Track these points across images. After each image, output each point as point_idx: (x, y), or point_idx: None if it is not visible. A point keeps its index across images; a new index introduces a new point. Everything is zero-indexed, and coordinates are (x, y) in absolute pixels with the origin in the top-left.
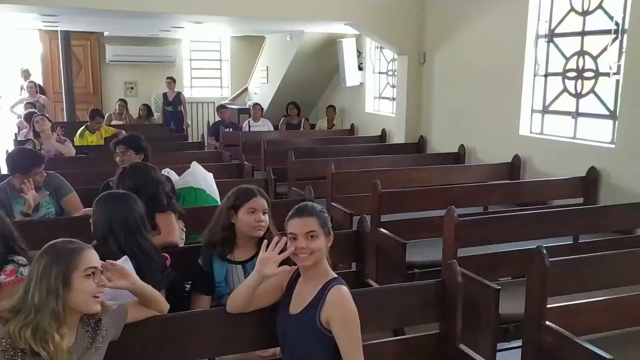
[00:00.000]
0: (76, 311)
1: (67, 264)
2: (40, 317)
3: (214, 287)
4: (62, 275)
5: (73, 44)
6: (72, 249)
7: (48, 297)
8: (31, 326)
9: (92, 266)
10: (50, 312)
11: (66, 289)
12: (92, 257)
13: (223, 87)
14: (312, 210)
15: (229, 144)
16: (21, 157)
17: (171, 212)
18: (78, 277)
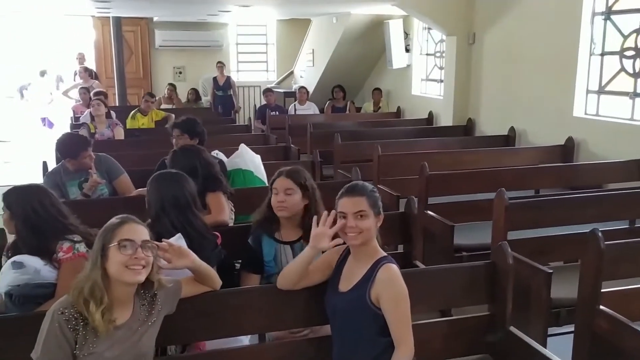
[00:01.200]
0: (119, 283)
1: (106, 237)
2: (86, 287)
3: (263, 266)
4: (101, 248)
5: (124, 29)
6: (117, 223)
7: (93, 268)
8: (83, 295)
9: (126, 238)
10: (92, 282)
11: (104, 259)
12: (131, 229)
13: (269, 71)
14: (363, 190)
15: (275, 127)
16: (68, 143)
17: (221, 192)
18: (113, 249)
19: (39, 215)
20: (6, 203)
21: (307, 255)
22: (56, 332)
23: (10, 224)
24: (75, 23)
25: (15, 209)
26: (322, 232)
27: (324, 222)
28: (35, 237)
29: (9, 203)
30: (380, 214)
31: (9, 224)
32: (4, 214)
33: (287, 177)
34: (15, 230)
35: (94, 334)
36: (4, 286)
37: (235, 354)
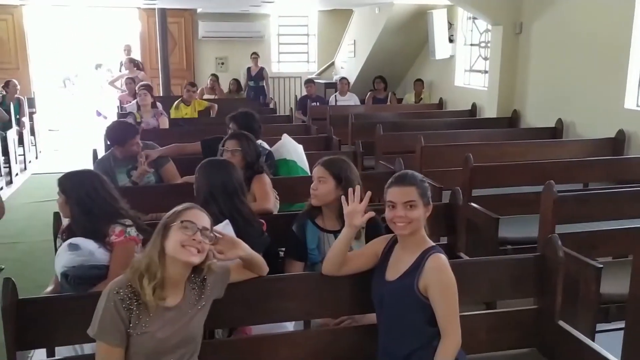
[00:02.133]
0: (173, 262)
1: (170, 217)
2: (143, 263)
3: (306, 253)
4: (162, 227)
5: (169, 21)
6: (183, 207)
7: (151, 247)
8: (137, 272)
9: (189, 220)
10: (150, 259)
11: (164, 236)
12: (195, 214)
13: (310, 62)
14: (413, 179)
15: (315, 117)
16: (116, 130)
17: (267, 181)
18: (175, 227)
19: (92, 199)
20: (61, 188)
21: (345, 235)
22: (111, 310)
23: (65, 208)
24: (122, 15)
25: (69, 193)
26: (353, 209)
27: (352, 199)
28: (89, 220)
29: (64, 188)
30: (429, 204)
31: (64, 208)
32: (60, 198)
33: (322, 166)
34: (70, 213)
35: (146, 314)
36: (60, 267)
37: (279, 340)
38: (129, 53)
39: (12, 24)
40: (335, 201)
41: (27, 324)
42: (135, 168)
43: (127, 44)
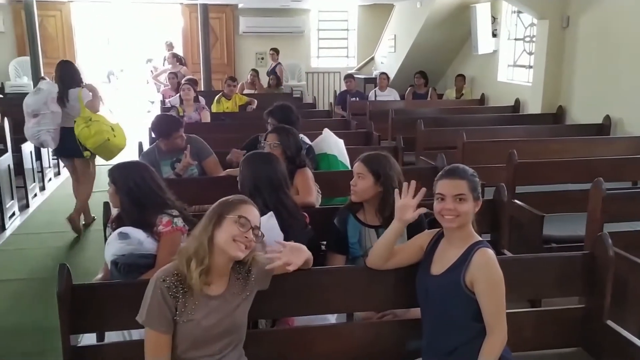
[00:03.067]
0: (222, 252)
1: (226, 207)
2: (192, 247)
3: (347, 247)
4: (217, 215)
5: (210, 16)
6: (240, 199)
7: (202, 232)
8: (185, 255)
9: (245, 216)
10: (199, 243)
11: (216, 226)
12: (251, 211)
13: (349, 57)
14: (463, 173)
15: (355, 112)
16: (161, 123)
17: (309, 175)
18: (228, 220)
19: (141, 189)
20: (111, 178)
21: (393, 229)
22: (159, 298)
23: (115, 198)
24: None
25: (120, 183)
26: (405, 203)
27: (406, 193)
28: (138, 210)
29: (114, 178)
30: (479, 199)
31: (114, 198)
32: (110, 188)
33: (361, 162)
34: (120, 203)
35: (192, 302)
36: (110, 255)
37: (322, 331)
38: (171, 49)
39: (61, 20)
40: (375, 197)
41: (79, 309)
42: (179, 161)
43: (168, 39)
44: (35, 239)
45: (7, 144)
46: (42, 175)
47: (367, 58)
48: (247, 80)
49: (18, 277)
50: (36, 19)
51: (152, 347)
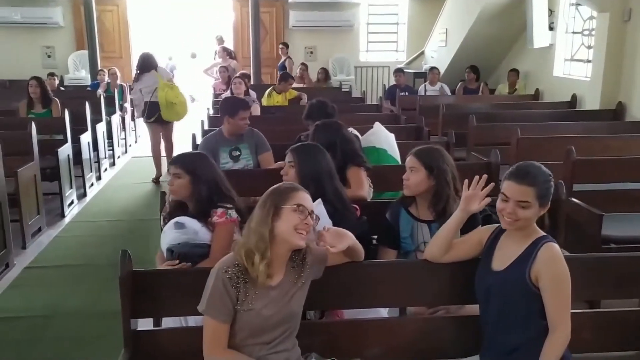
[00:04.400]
0: (282, 242)
1: (280, 197)
2: (252, 240)
3: (399, 241)
4: (274, 206)
5: (261, 10)
6: (292, 187)
7: (261, 225)
8: (245, 248)
9: (302, 204)
10: (260, 236)
11: (275, 217)
12: (304, 197)
13: (398, 51)
14: (534, 180)
15: (404, 107)
16: (230, 102)
17: (361, 168)
18: (287, 209)
19: (216, 180)
20: (186, 169)
21: (455, 219)
22: (220, 288)
23: (186, 188)
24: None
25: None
26: (473, 194)
27: (475, 185)
28: (204, 201)
29: (190, 168)
30: (546, 205)
31: (185, 188)
32: (179, 179)
33: (414, 156)
34: (193, 193)
35: (253, 292)
36: (166, 243)
37: (374, 325)
38: (221, 43)
39: (117, 15)
40: (428, 191)
41: (139, 294)
42: (238, 149)
43: (219, 34)
44: (92, 226)
45: (67, 135)
46: (98, 166)
47: (417, 52)
48: (297, 74)
49: (76, 262)
50: (94, 14)
51: (211, 335)
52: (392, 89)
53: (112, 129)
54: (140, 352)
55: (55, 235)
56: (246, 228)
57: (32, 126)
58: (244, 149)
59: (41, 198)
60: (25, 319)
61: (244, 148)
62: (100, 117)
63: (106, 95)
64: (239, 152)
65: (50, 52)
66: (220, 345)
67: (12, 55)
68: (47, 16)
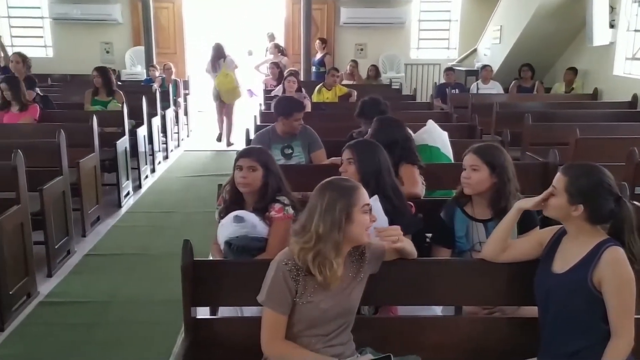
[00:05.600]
0: (350, 242)
1: (349, 199)
2: (322, 246)
3: (454, 241)
4: (345, 210)
5: (312, 8)
6: (351, 186)
7: (332, 229)
8: (312, 251)
9: (368, 203)
10: (333, 242)
11: (347, 222)
12: (365, 193)
13: (450, 49)
14: (568, 171)
15: (456, 105)
16: (284, 103)
17: (416, 166)
18: (357, 212)
19: (276, 176)
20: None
21: (510, 217)
22: (280, 281)
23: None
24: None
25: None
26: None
27: None
28: (267, 195)
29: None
30: (576, 204)
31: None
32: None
33: (474, 154)
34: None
35: (312, 285)
36: (224, 236)
37: (429, 323)
38: (272, 39)
39: (173, 12)
40: (488, 190)
41: (199, 283)
42: (290, 147)
43: (270, 31)
44: (146, 217)
45: (125, 128)
46: (152, 158)
47: (469, 50)
48: (346, 71)
49: (132, 252)
50: (151, 11)
51: (269, 326)
52: (442, 86)
53: (166, 123)
54: (198, 339)
55: (112, 225)
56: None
57: (94, 119)
58: (296, 146)
59: (100, 188)
60: (86, 304)
61: (297, 146)
62: (155, 111)
63: (161, 90)
64: (291, 149)
65: (109, 47)
66: (278, 336)
67: (73, 50)
68: (107, 13)
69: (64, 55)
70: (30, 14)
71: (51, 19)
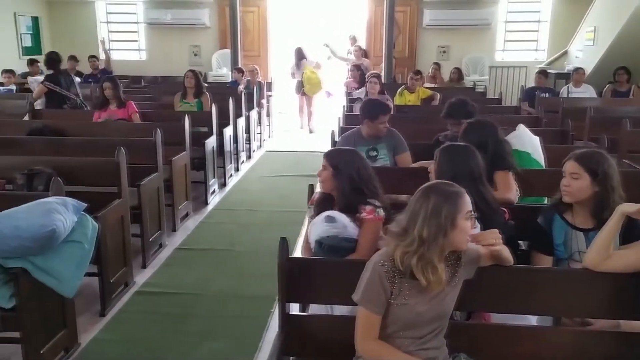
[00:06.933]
0: (450, 248)
1: (454, 205)
2: (426, 250)
3: (552, 247)
4: (450, 216)
5: (395, 10)
6: (456, 192)
7: (437, 234)
8: (416, 255)
9: (471, 210)
10: (438, 247)
11: (452, 228)
12: (469, 201)
13: (538, 50)
14: None
15: (545, 109)
16: (371, 105)
17: (510, 171)
18: (461, 219)
19: (361, 176)
20: (333, 162)
21: (612, 223)
22: (376, 281)
23: (331, 181)
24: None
25: (342, 168)
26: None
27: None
28: (350, 195)
29: (336, 163)
30: None
31: (330, 181)
32: (326, 172)
33: (575, 161)
34: (336, 187)
35: (407, 287)
36: (316, 235)
37: (524, 332)
38: (354, 42)
39: (258, 16)
40: (589, 198)
41: (293, 280)
42: (375, 149)
43: (351, 34)
44: (231, 215)
45: (212, 128)
46: (237, 158)
47: (559, 52)
48: (429, 73)
49: (219, 247)
50: (239, 15)
51: (363, 325)
52: (530, 90)
53: (250, 123)
54: (293, 334)
55: (200, 221)
56: (402, 231)
57: (186, 119)
58: (381, 149)
59: (190, 185)
60: (178, 295)
61: (382, 148)
62: (240, 112)
63: (246, 91)
64: (376, 152)
65: (197, 50)
66: (371, 335)
67: (164, 53)
68: (196, 17)
69: (156, 58)
70: (126, 19)
71: (145, 23)
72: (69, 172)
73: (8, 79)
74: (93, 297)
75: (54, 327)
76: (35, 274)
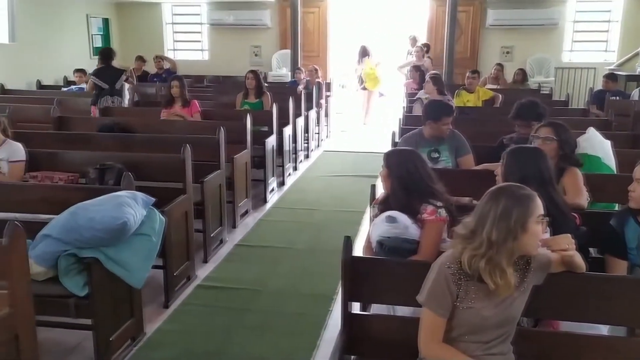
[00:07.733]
0: (519, 252)
1: (526, 209)
2: (494, 253)
3: (626, 251)
4: (521, 220)
5: (458, 9)
6: (528, 195)
7: (507, 237)
8: (484, 258)
9: (543, 214)
10: (507, 251)
11: (522, 232)
12: (541, 204)
13: (608, 51)
14: None
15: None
16: (434, 107)
17: (580, 175)
18: (532, 223)
19: (412, 176)
20: (387, 162)
21: None
22: (441, 283)
23: (387, 181)
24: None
25: (393, 168)
26: None
27: None
28: (405, 196)
29: (389, 163)
30: None
31: (386, 181)
32: (383, 171)
33: None
34: (391, 187)
35: (474, 291)
36: (377, 235)
37: (594, 342)
38: (414, 43)
39: (318, 16)
40: None
41: (356, 279)
42: (437, 151)
43: (412, 34)
44: (290, 213)
45: (272, 127)
46: (295, 157)
47: (631, 53)
48: (491, 74)
49: (278, 245)
50: (299, 15)
51: (428, 327)
52: (599, 93)
53: (308, 123)
54: (355, 333)
55: (259, 218)
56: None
57: (248, 118)
58: (443, 150)
59: (250, 183)
60: (239, 290)
61: (444, 150)
62: (299, 112)
63: (305, 92)
64: (438, 153)
65: (257, 51)
66: (436, 338)
67: (226, 53)
68: (257, 18)
69: (218, 58)
70: (190, 20)
71: (208, 24)
72: (137, 167)
73: (79, 78)
74: (158, 289)
75: (123, 316)
76: (106, 264)
